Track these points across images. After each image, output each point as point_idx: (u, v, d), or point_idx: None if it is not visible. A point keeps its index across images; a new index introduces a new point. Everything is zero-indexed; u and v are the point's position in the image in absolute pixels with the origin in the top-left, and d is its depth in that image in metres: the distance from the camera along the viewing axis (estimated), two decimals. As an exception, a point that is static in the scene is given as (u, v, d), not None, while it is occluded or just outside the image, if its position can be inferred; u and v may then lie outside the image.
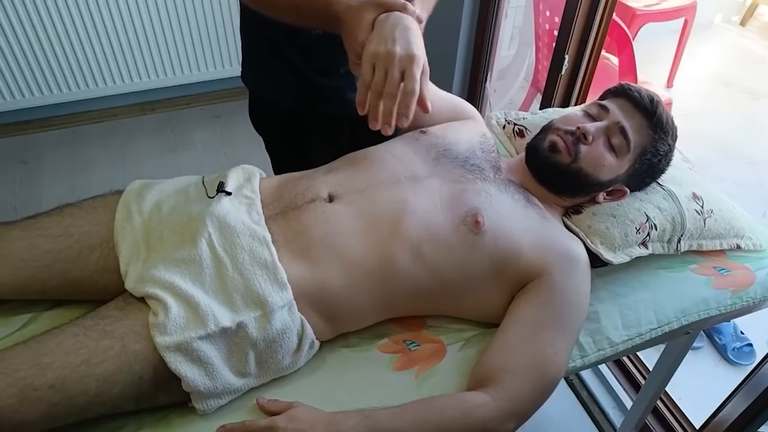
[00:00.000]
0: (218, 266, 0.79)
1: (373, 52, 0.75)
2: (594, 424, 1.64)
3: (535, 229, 0.89)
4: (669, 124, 0.97)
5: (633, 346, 0.92)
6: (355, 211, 0.86)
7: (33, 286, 0.84)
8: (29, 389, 0.67)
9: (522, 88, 2.68)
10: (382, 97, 0.74)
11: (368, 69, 0.75)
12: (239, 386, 0.77)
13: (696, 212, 0.99)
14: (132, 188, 0.92)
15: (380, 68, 0.74)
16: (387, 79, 0.74)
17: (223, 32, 2.57)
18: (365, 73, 0.75)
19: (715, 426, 1.31)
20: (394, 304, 0.87)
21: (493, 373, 0.79)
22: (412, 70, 0.74)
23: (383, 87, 0.74)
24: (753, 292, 1.00)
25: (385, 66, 0.74)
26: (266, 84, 1.17)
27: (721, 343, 1.85)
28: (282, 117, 1.20)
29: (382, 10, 0.80)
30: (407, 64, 0.74)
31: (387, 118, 0.75)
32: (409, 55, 0.74)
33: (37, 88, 2.43)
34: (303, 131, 1.21)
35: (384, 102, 0.75)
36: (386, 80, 0.74)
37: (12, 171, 2.40)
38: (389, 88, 0.74)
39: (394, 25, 0.77)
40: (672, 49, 3.14)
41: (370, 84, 0.75)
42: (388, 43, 0.75)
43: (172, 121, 2.70)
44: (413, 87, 0.74)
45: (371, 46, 0.76)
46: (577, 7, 1.43)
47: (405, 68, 0.74)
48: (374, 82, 0.75)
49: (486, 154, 0.99)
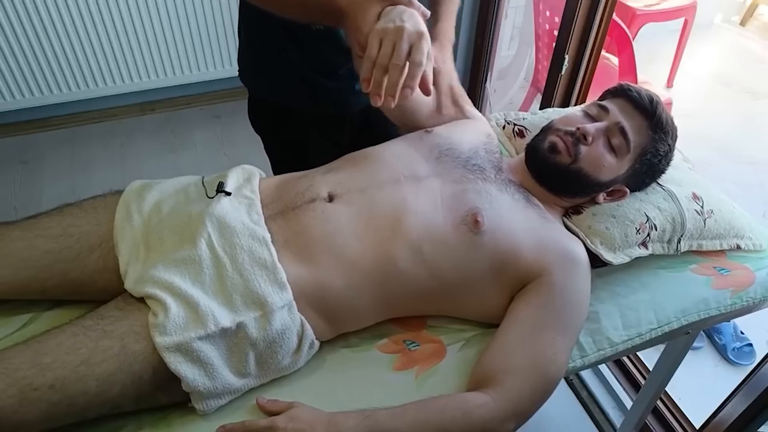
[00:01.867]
0: (218, 266, 0.79)
1: (382, 28, 0.74)
2: (594, 424, 1.64)
3: (535, 229, 0.89)
4: (669, 124, 0.97)
5: (633, 346, 0.92)
6: (355, 211, 0.86)
7: (33, 286, 0.84)
8: (29, 389, 0.67)
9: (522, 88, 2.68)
10: (389, 70, 0.73)
11: (375, 44, 0.74)
12: (239, 386, 0.77)
13: (696, 212, 0.99)
14: (132, 188, 0.92)
15: (388, 42, 0.73)
16: (394, 51, 0.73)
17: (223, 32, 2.57)
18: (372, 48, 0.74)
19: (715, 426, 1.31)
20: (394, 304, 0.87)
21: (493, 374, 0.79)
22: (421, 43, 0.73)
23: (390, 60, 0.73)
24: (753, 292, 1.00)
25: (393, 39, 0.73)
26: (266, 84, 1.17)
27: (721, 343, 1.85)
28: (281, 117, 1.20)
29: (388, 3, 0.79)
30: (416, 39, 0.73)
31: (391, 89, 0.74)
32: (418, 31, 0.74)
33: (37, 88, 2.43)
34: (303, 132, 1.21)
35: (390, 74, 0.73)
36: (393, 53, 0.73)
37: (12, 171, 2.40)
38: (396, 60, 0.73)
39: (402, 11, 0.76)
40: (672, 49, 3.14)
41: (376, 59, 0.74)
42: (396, 21, 0.74)
43: (172, 121, 2.70)
44: (421, 59, 0.73)
45: (379, 24, 0.75)
46: (577, 7, 1.43)
47: (413, 42, 0.73)
48: (381, 55, 0.73)
49: (489, 155, 0.99)
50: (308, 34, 1.03)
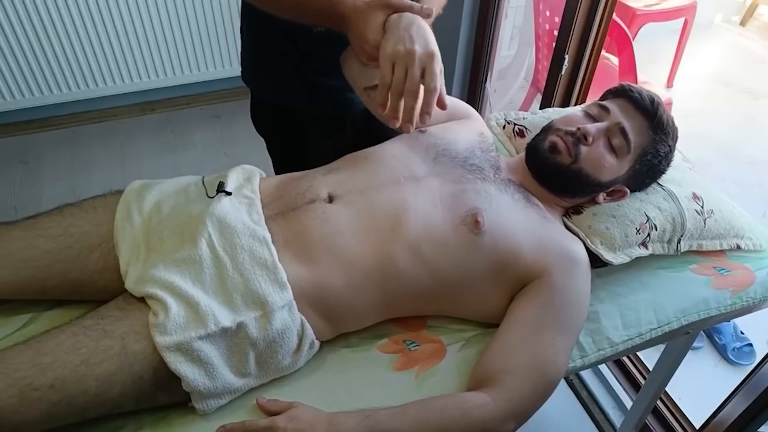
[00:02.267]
0: (218, 266, 0.79)
1: (393, 52, 0.75)
2: (594, 424, 1.64)
3: (535, 229, 0.89)
4: (669, 125, 0.97)
5: (633, 346, 0.92)
6: (355, 212, 0.86)
7: (33, 286, 0.84)
8: (29, 389, 0.67)
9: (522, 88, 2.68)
10: (404, 96, 0.74)
11: (388, 69, 0.75)
12: (239, 386, 0.77)
13: (696, 212, 0.99)
14: (132, 188, 0.92)
15: (400, 67, 0.74)
16: (407, 77, 0.74)
17: (223, 32, 2.57)
18: (385, 74, 0.75)
19: (715, 426, 1.31)
20: (394, 304, 0.87)
21: (493, 374, 0.79)
22: (433, 66, 0.74)
23: (404, 85, 0.74)
24: (753, 292, 1.00)
25: (405, 64, 0.74)
26: (268, 84, 1.17)
27: (721, 343, 1.85)
28: (282, 117, 1.20)
29: (391, 11, 0.80)
30: (428, 62, 0.74)
31: (408, 116, 0.75)
32: (428, 52, 0.74)
33: (37, 88, 2.43)
34: (303, 132, 1.21)
35: (405, 100, 0.74)
36: (407, 79, 0.74)
37: (12, 171, 2.40)
38: (410, 86, 0.74)
39: (409, 24, 0.77)
40: (672, 49, 3.14)
41: (391, 84, 0.75)
42: (406, 42, 0.75)
43: (172, 121, 2.70)
44: (435, 84, 0.74)
45: (389, 45, 0.76)
46: (577, 7, 1.43)
47: (425, 66, 0.74)
48: (395, 81, 0.74)
49: (485, 154, 0.99)
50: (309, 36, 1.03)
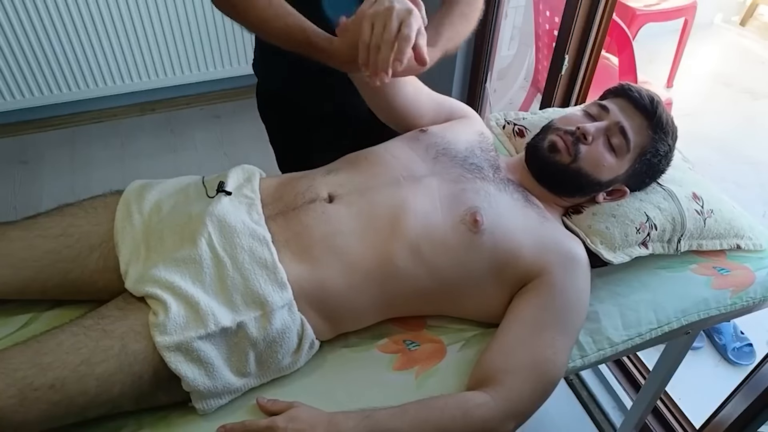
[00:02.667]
0: (218, 266, 0.79)
1: (372, 11, 0.75)
2: (594, 424, 1.64)
3: (534, 228, 0.89)
4: (669, 124, 0.97)
5: (633, 346, 0.92)
6: (355, 212, 0.86)
7: (33, 286, 0.84)
8: (29, 389, 0.67)
9: (522, 88, 2.68)
10: (380, 47, 0.74)
11: (367, 27, 0.74)
12: (239, 386, 0.77)
13: (696, 212, 0.99)
14: (132, 188, 0.92)
15: (379, 23, 0.74)
16: (384, 31, 0.73)
17: (223, 32, 2.57)
18: (364, 32, 0.75)
19: (715, 426, 1.31)
20: (393, 304, 0.87)
21: (493, 373, 0.79)
22: (410, 20, 0.74)
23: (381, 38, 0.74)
24: (753, 292, 1.00)
25: (384, 20, 0.73)
26: (273, 79, 1.20)
27: (721, 343, 1.85)
28: (288, 109, 1.21)
29: None
30: (405, 16, 0.74)
31: (383, 64, 0.74)
32: (407, 9, 0.74)
33: (37, 88, 2.43)
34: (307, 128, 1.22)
35: (381, 50, 0.74)
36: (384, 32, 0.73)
37: (12, 171, 2.40)
38: (387, 37, 0.73)
39: None
40: (672, 49, 3.14)
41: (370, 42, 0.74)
42: (385, 2, 0.74)
43: (172, 121, 2.70)
44: (409, 33, 0.73)
45: (368, 7, 0.76)
46: (577, 7, 1.43)
47: (402, 19, 0.74)
48: (374, 36, 0.74)
49: (485, 153, 0.99)
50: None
